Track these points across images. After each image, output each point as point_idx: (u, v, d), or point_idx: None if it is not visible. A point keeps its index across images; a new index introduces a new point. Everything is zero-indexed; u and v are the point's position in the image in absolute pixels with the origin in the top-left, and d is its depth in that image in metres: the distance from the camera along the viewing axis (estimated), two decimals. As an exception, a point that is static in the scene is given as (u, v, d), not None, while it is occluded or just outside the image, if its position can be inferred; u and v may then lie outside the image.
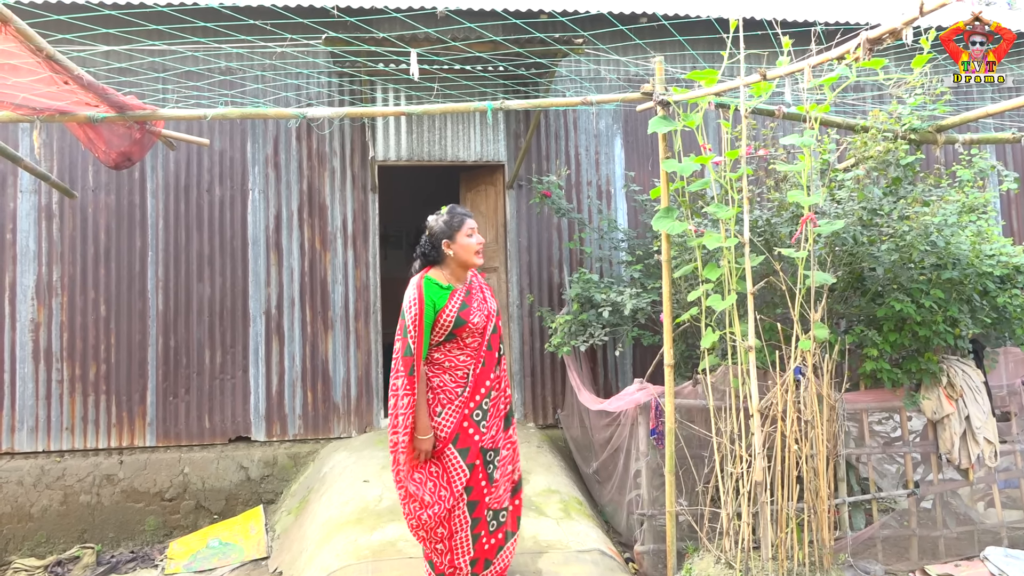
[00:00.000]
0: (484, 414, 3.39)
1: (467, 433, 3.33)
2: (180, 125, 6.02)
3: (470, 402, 3.35)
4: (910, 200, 4.59)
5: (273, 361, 6.46)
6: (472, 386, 3.36)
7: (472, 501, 3.34)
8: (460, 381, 3.37)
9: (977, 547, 4.59)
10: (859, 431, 4.69)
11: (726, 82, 3.80)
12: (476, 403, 3.36)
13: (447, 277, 3.38)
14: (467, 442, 3.32)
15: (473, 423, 3.34)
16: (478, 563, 3.39)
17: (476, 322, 3.36)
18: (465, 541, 3.34)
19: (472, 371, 3.38)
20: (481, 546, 3.38)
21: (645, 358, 6.66)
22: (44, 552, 5.96)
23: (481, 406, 3.38)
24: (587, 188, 7.03)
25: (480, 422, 3.36)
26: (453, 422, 3.30)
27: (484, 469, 3.37)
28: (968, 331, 4.58)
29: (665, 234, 4.03)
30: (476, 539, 3.36)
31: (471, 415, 3.34)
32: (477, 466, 3.35)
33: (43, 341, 6.21)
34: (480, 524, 3.36)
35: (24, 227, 6.26)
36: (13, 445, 6.12)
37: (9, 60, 3.46)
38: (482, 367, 3.40)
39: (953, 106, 5.20)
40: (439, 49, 5.17)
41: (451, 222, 3.36)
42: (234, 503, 6.19)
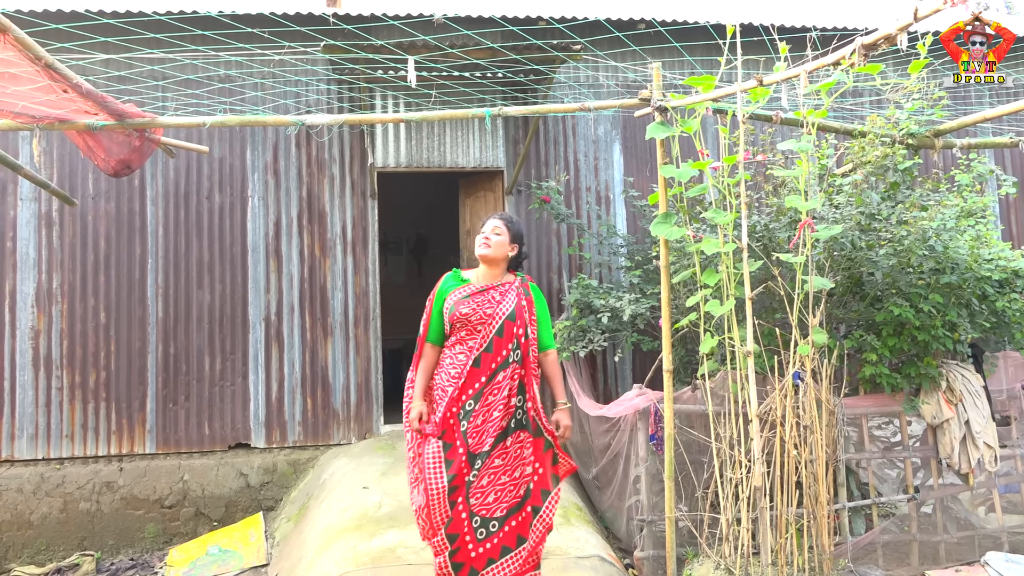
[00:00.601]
0: (467, 414, 3.34)
1: (450, 429, 3.33)
2: (179, 132, 6.04)
3: (458, 398, 3.35)
4: (908, 205, 4.60)
5: (273, 368, 6.46)
6: (461, 383, 3.35)
7: (451, 500, 3.27)
8: (453, 380, 3.38)
9: (978, 552, 4.58)
10: (859, 436, 4.69)
11: (723, 88, 3.81)
12: (461, 401, 3.35)
13: (475, 274, 3.57)
14: (450, 438, 3.33)
15: (455, 420, 3.33)
16: (463, 568, 3.30)
17: (464, 313, 3.38)
18: (443, 540, 3.29)
19: (462, 371, 3.37)
20: (466, 552, 3.30)
21: (644, 363, 6.65)
22: (44, 560, 5.95)
23: (464, 406, 3.35)
24: (586, 194, 7.04)
25: (461, 420, 3.34)
26: (441, 417, 3.33)
27: (468, 467, 3.31)
28: (967, 335, 4.58)
29: (663, 239, 4.03)
30: (453, 539, 3.28)
31: (456, 412, 3.34)
32: (459, 465, 3.29)
33: (43, 348, 6.22)
34: (455, 525, 3.28)
35: (24, 235, 6.27)
36: (13, 452, 6.12)
37: (8, 69, 3.47)
38: (473, 366, 3.36)
39: (951, 111, 5.22)
40: (437, 56, 5.18)
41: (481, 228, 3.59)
42: (234, 510, 6.18)
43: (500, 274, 3.54)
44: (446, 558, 3.30)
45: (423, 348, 3.53)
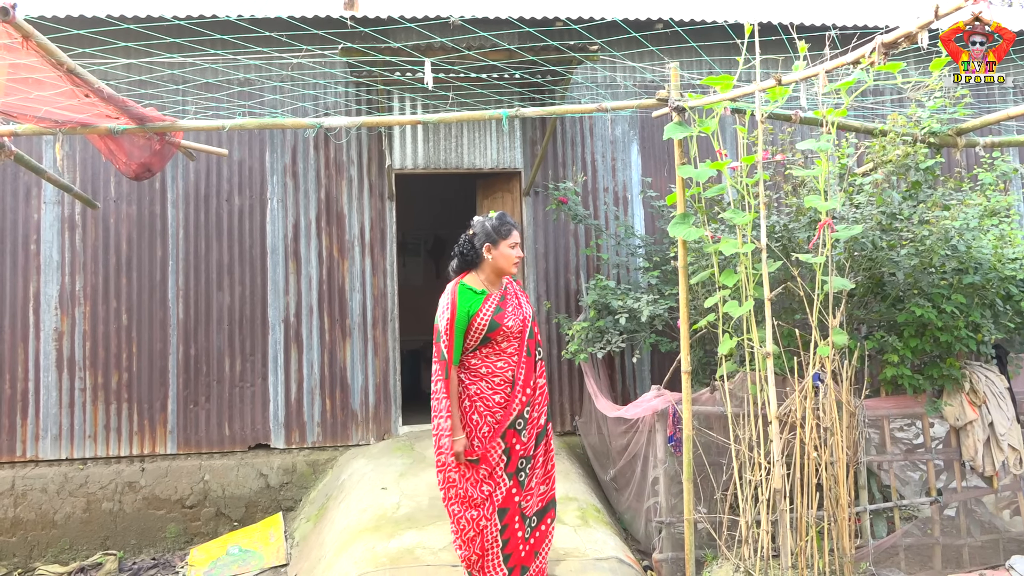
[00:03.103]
0: (525, 422, 3.40)
1: (510, 441, 3.35)
2: (199, 136, 6.10)
3: (510, 410, 3.36)
4: (930, 204, 4.54)
5: (292, 369, 6.50)
6: (512, 394, 3.38)
7: (503, 508, 3.34)
8: (498, 388, 3.37)
9: (1002, 556, 4.52)
10: (880, 438, 4.64)
11: (741, 87, 3.78)
12: (517, 411, 3.37)
13: (481, 282, 3.43)
14: (510, 452, 3.36)
15: (515, 431, 3.37)
16: (515, 571, 3.39)
17: (511, 326, 3.38)
18: (496, 555, 3.35)
19: (512, 378, 3.39)
20: (518, 553, 3.38)
21: (663, 365, 6.63)
22: (67, 559, 6.03)
23: (523, 414, 3.39)
24: (604, 194, 7.02)
25: (522, 431, 3.39)
26: (490, 431, 3.33)
27: (517, 476, 3.39)
28: (991, 336, 4.52)
29: (681, 240, 4.01)
30: (506, 544, 3.35)
31: (513, 423, 3.36)
32: (514, 475, 3.37)
33: (66, 350, 6.29)
34: (509, 530, 3.36)
35: (48, 238, 6.35)
36: (37, 453, 6.20)
37: (32, 74, 3.52)
38: (523, 373, 3.41)
39: (974, 109, 5.15)
40: (454, 58, 5.19)
41: (499, 228, 3.40)
42: (254, 510, 6.23)
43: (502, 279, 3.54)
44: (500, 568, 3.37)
45: (450, 373, 3.31)
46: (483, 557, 3.36)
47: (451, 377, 3.31)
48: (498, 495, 3.32)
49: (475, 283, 3.41)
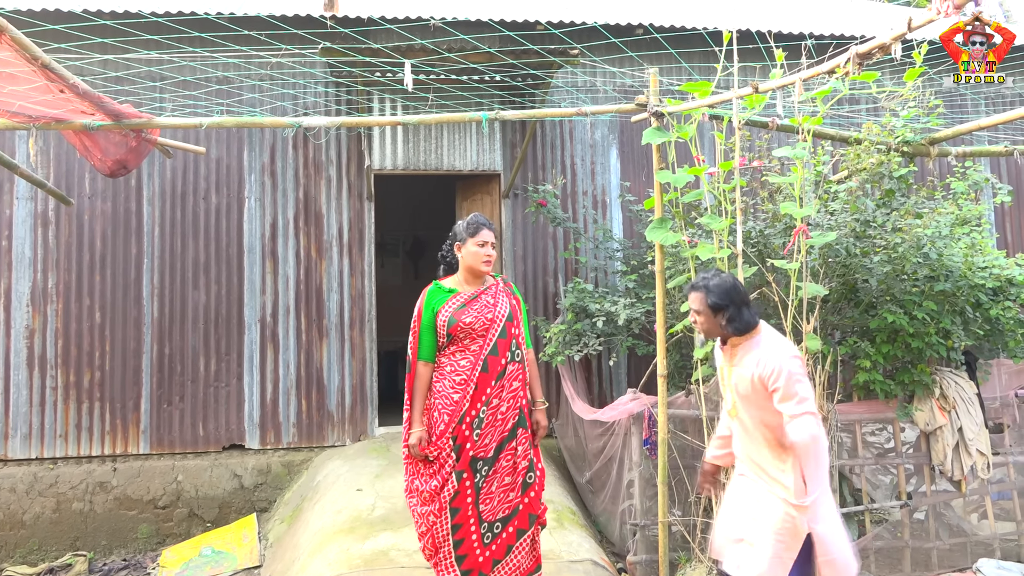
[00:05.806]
0: (481, 422, 3.35)
1: (460, 440, 3.32)
2: (176, 133, 6.04)
3: (468, 409, 3.33)
4: (903, 212, 4.61)
5: (268, 369, 6.46)
6: (472, 393, 3.35)
7: (454, 507, 3.32)
8: (458, 386, 3.36)
9: (970, 559, 4.59)
10: (852, 442, 4.70)
11: (720, 94, 3.82)
12: (468, 408, 3.34)
13: (457, 282, 3.50)
14: (460, 451, 3.32)
15: (465, 430, 3.33)
16: (472, 573, 3.35)
17: (468, 322, 3.36)
18: (448, 554, 3.33)
19: (471, 376, 3.36)
20: (474, 556, 3.35)
21: (639, 368, 6.66)
22: (36, 560, 5.93)
23: (479, 415, 3.35)
24: (583, 198, 7.05)
25: (475, 431, 3.34)
26: (445, 429, 3.31)
27: (473, 478, 3.35)
28: (961, 343, 4.60)
29: (659, 244, 4.04)
30: (459, 544, 3.32)
31: (461, 420, 3.33)
32: (464, 476, 3.33)
33: (38, 348, 6.20)
34: (462, 531, 3.33)
35: (20, 234, 6.26)
36: (7, 452, 6.10)
37: (5, 68, 3.47)
38: (482, 372, 3.37)
39: (946, 119, 5.23)
40: (434, 60, 5.19)
41: (467, 227, 3.46)
42: (227, 511, 6.17)
43: (483, 279, 3.54)
44: (452, 568, 3.34)
45: (416, 368, 3.44)
46: (436, 554, 3.35)
47: (417, 372, 3.41)
48: (446, 493, 3.31)
49: (450, 282, 3.50)
